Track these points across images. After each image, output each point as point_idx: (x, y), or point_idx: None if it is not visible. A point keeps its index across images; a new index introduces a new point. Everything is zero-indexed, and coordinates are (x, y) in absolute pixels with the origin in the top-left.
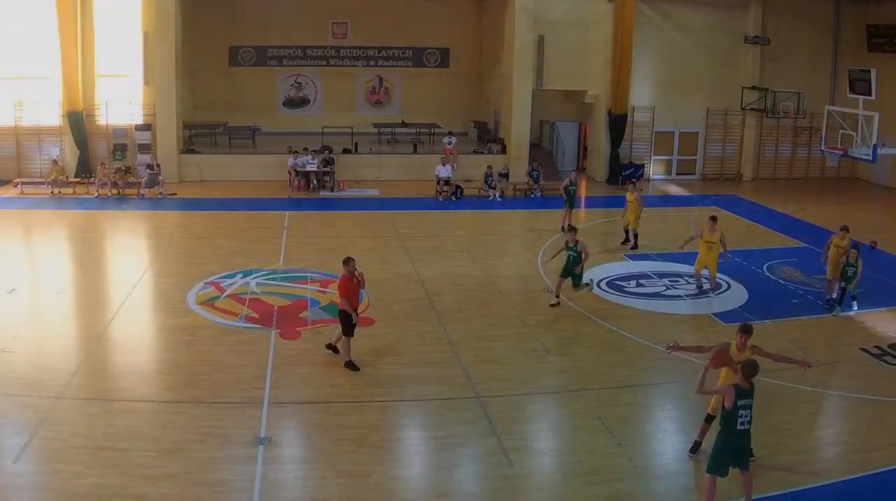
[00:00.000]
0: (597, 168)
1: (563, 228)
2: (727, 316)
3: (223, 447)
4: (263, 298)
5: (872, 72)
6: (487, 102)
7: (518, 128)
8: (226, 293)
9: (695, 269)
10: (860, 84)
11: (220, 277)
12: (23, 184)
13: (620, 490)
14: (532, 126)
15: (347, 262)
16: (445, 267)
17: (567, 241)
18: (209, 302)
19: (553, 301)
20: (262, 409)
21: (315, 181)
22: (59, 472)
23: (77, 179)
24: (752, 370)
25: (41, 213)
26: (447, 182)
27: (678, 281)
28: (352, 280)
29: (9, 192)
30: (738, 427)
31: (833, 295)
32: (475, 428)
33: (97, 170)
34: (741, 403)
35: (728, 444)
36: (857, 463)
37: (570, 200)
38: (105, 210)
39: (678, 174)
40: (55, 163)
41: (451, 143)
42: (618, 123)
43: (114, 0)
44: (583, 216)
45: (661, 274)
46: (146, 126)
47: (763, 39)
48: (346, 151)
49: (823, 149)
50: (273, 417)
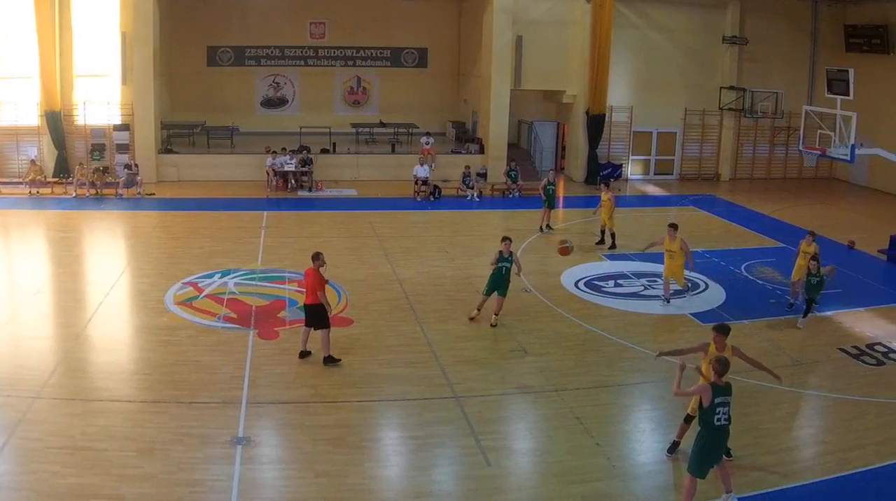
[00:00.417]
0: (575, 168)
1: (542, 228)
2: (705, 316)
3: (201, 447)
4: (241, 298)
5: (850, 72)
6: (465, 102)
7: (496, 128)
8: (204, 293)
9: (664, 278)
10: (838, 84)
11: (199, 277)
12: (0, 183)
13: (598, 490)
14: (510, 126)
15: (317, 257)
16: (423, 267)
17: (500, 252)
18: (187, 302)
19: (472, 314)
20: (241, 409)
21: (293, 181)
22: (37, 472)
23: (55, 179)
24: (722, 367)
25: (19, 213)
26: (425, 182)
27: (656, 282)
28: (319, 273)
29: None
30: (716, 423)
31: (793, 301)
32: (453, 428)
33: (75, 170)
34: (718, 400)
35: (707, 442)
36: (835, 463)
37: (549, 200)
38: (83, 210)
39: (656, 174)
40: (33, 162)
41: (429, 143)
42: (596, 123)
43: (92, 0)
44: (561, 216)
45: (639, 274)
46: (124, 126)
47: (741, 39)
48: (325, 151)
49: (801, 149)
50: (251, 417)
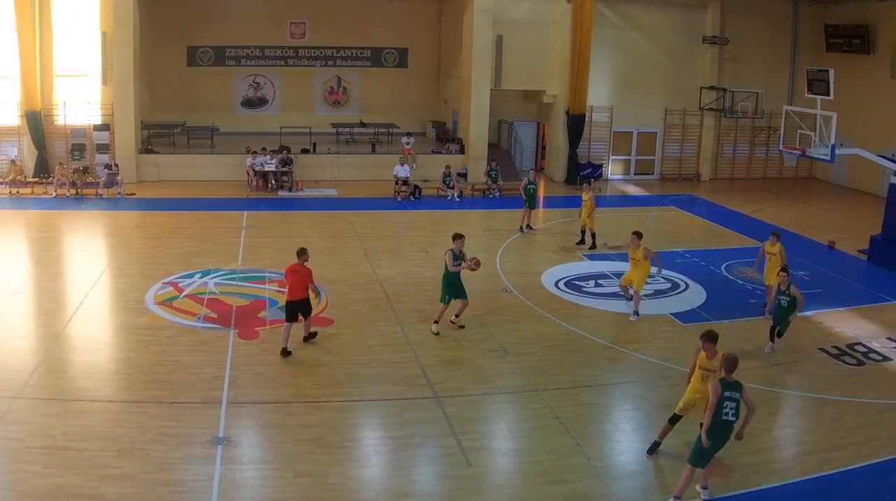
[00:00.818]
0: (555, 168)
1: (522, 228)
2: (685, 316)
3: (181, 447)
4: (222, 298)
5: (831, 72)
6: (446, 102)
7: (476, 128)
8: (184, 293)
9: (621, 285)
10: (818, 84)
11: (179, 277)
12: None
13: (579, 490)
14: (490, 126)
15: (303, 253)
16: (404, 268)
17: (452, 249)
18: (167, 302)
19: (434, 329)
20: (221, 409)
21: (273, 181)
22: (17, 472)
23: (35, 179)
24: (731, 364)
25: None
26: (405, 182)
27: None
28: (307, 268)
29: None
30: (723, 417)
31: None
32: (434, 428)
33: (55, 169)
34: (726, 395)
35: (712, 435)
36: (815, 464)
37: (530, 200)
38: (63, 210)
39: (636, 174)
40: (13, 162)
41: (410, 143)
42: (576, 123)
43: (72, 0)
44: (541, 216)
45: (620, 274)
46: (104, 126)
47: (721, 39)
48: (305, 151)
49: (782, 149)
50: (231, 417)
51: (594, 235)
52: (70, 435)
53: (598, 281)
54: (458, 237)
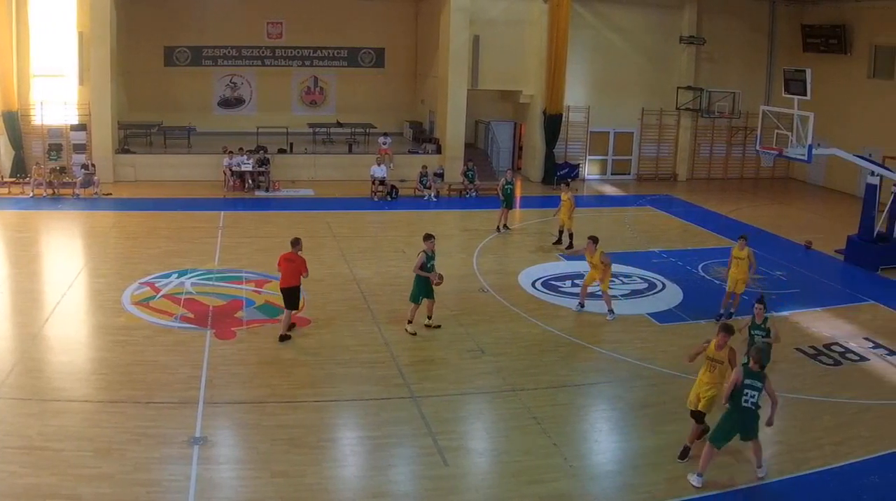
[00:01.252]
0: (532, 168)
1: (499, 228)
2: (662, 316)
3: (158, 447)
4: (198, 298)
5: (808, 72)
6: (423, 102)
7: (453, 128)
8: (161, 293)
9: (583, 284)
10: (795, 84)
11: (156, 277)
12: None
13: (556, 490)
14: (467, 126)
15: (297, 243)
16: (381, 268)
17: (425, 251)
18: (144, 302)
19: (410, 329)
20: (198, 409)
21: (250, 181)
22: None
23: (12, 179)
24: (759, 354)
25: None
26: (382, 182)
27: (612, 281)
28: (301, 256)
29: None
30: (743, 403)
31: (723, 311)
32: (410, 428)
33: (32, 169)
34: (747, 382)
35: (733, 420)
36: (792, 463)
37: (507, 200)
38: (40, 210)
39: (613, 174)
40: None
41: (387, 143)
42: (553, 123)
43: (49, 0)
44: (518, 216)
45: None
46: (81, 126)
47: (698, 39)
48: (282, 151)
49: (758, 149)
50: (208, 417)
51: (571, 235)
52: (47, 435)
53: (575, 281)
54: (429, 237)
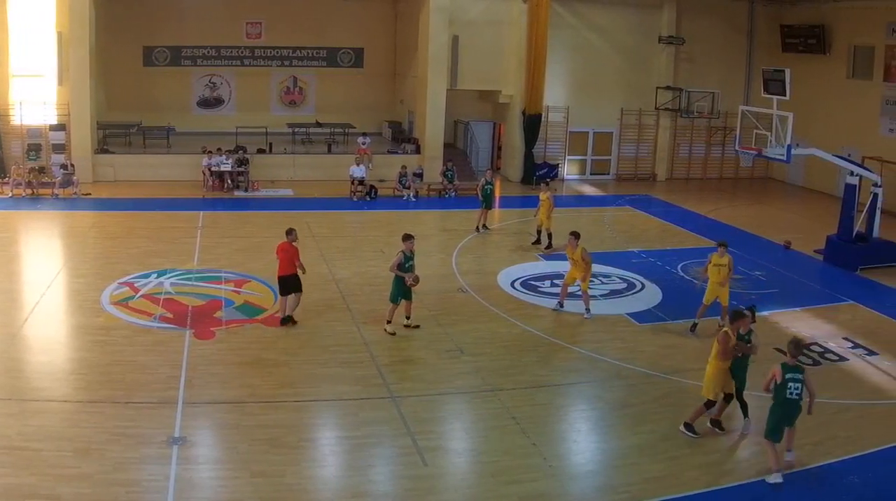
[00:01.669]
0: (511, 168)
1: (478, 228)
2: (641, 316)
3: (137, 447)
4: (178, 298)
5: (787, 72)
6: (402, 102)
7: (432, 128)
8: (140, 293)
9: (563, 283)
10: (774, 84)
11: (135, 277)
12: None
13: (535, 490)
14: (446, 126)
15: (290, 232)
16: (360, 268)
17: (403, 251)
18: (123, 302)
19: (389, 329)
20: (177, 409)
21: (229, 181)
22: None
23: None
24: (795, 348)
25: None
26: (361, 182)
27: (592, 281)
28: (294, 246)
29: None
30: (788, 396)
31: (698, 321)
32: (389, 428)
33: (11, 169)
34: (788, 376)
35: (780, 412)
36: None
37: (487, 200)
38: (19, 210)
39: (592, 174)
40: None
41: (366, 143)
42: (532, 123)
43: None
44: (497, 216)
45: None
46: (60, 126)
47: (677, 39)
48: (261, 151)
49: (738, 149)
50: (187, 417)
51: (550, 235)
52: (26, 435)
53: (555, 281)
54: (409, 238)
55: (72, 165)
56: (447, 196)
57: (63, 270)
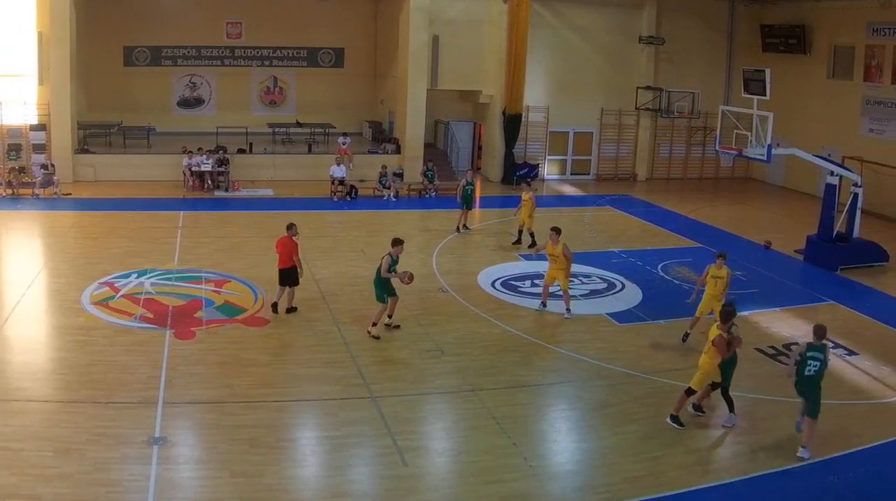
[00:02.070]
0: (491, 168)
1: (458, 228)
2: (621, 316)
3: (118, 447)
4: (158, 298)
5: (767, 72)
6: (382, 102)
7: (412, 128)
8: (120, 293)
9: (544, 283)
10: (755, 84)
11: (115, 277)
12: None
13: (516, 489)
14: (427, 126)
15: (291, 227)
16: (340, 268)
17: (391, 254)
18: (104, 302)
19: (374, 332)
20: (157, 409)
21: (210, 181)
22: None
23: None
24: (819, 331)
25: None
26: (342, 182)
27: (572, 281)
28: (293, 240)
29: None
30: (806, 372)
31: (690, 331)
32: (370, 428)
33: None
34: (810, 354)
35: (799, 387)
36: (752, 464)
37: (467, 201)
38: None
39: (573, 174)
40: None
41: (346, 143)
42: (512, 123)
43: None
44: (478, 216)
45: None
46: (41, 126)
47: (657, 39)
48: (241, 151)
49: (718, 149)
50: (168, 417)
51: (532, 235)
52: (6, 435)
53: (535, 281)
54: (399, 243)
55: (52, 165)
56: (427, 196)
57: (43, 270)
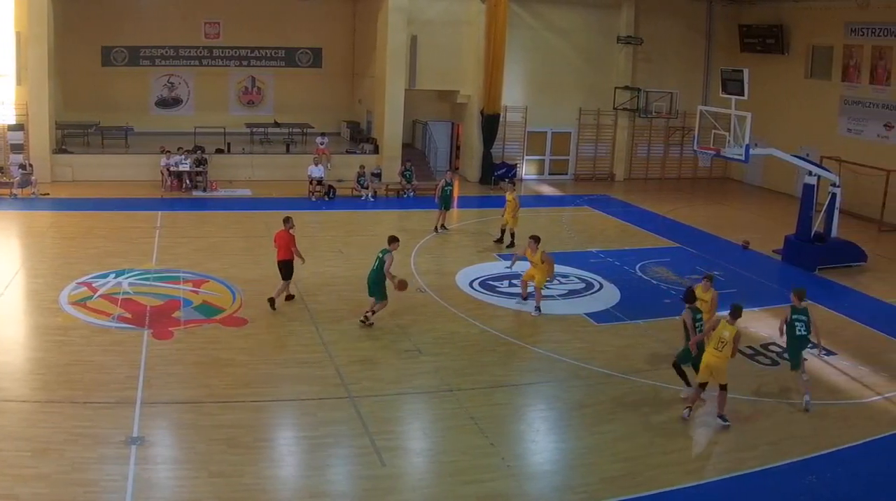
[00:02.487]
0: (469, 168)
1: (437, 229)
2: (599, 316)
3: (96, 447)
4: (136, 298)
5: (745, 72)
6: (360, 102)
7: (391, 128)
8: (98, 293)
9: (522, 279)
10: (733, 84)
11: (93, 277)
12: None
13: (493, 489)
14: (405, 126)
15: (287, 220)
16: (318, 268)
17: (391, 251)
18: (81, 302)
19: (368, 319)
20: (135, 409)
21: (188, 181)
22: None
23: None
24: (801, 293)
25: None
26: (320, 182)
27: (550, 282)
28: (290, 233)
29: None
30: (797, 333)
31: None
32: (348, 428)
33: None
34: (795, 316)
35: (793, 346)
36: (729, 463)
37: (445, 201)
38: None
39: (551, 174)
40: None
41: (324, 143)
42: (490, 123)
43: None
44: (456, 216)
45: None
46: (19, 126)
47: (636, 39)
48: (219, 151)
49: (696, 149)
50: (146, 417)
51: (513, 235)
52: None
53: (513, 281)
54: (397, 240)
55: (30, 165)
56: (405, 196)
57: (21, 270)
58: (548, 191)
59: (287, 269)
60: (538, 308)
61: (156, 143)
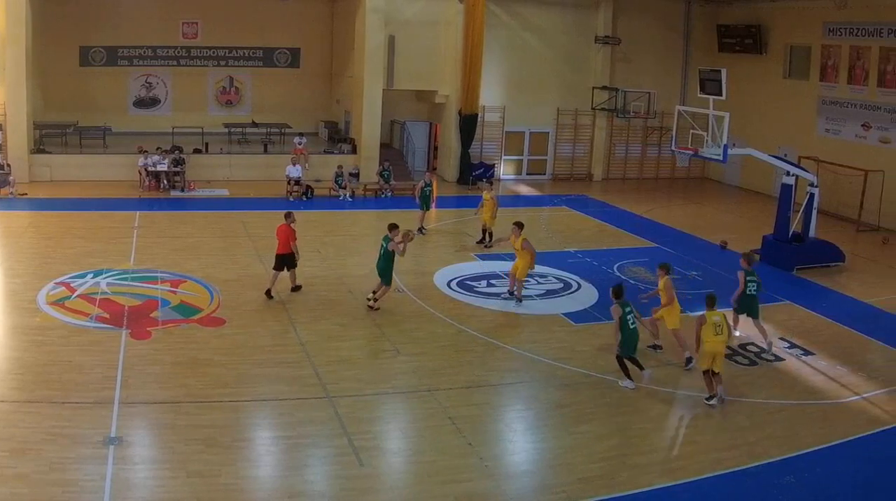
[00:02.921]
0: (447, 168)
1: (421, 229)
2: (577, 316)
3: (74, 447)
4: (114, 298)
5: (723, 72)
6: (338, 102)
7: (368, 128)
8: (76, 293)
9: (509, 273)
10: (711, 84)
11: (71, 277)
12: None
13: (471, 489)
14: (382, 126)
15: (289, 215)
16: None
17: (392, 238)
18: (59, 302)
19: (375, 305)
20: (113, 409)
21: (165, 181)
22: None
23: None
24: (751, 259)
25: None
26: (297, 182)
27: (528, 281)
28: (291, 228)
29: None
30: (748, 292)
31: (659, 342)
32: (326, 428)
33: None
34: (749, 278)
35: (746, 303)
36: (708, 463)
37: (425, 202)
38: None
39: (528, 174)
40: None
41: (302, 143)
42: (468, 123)
43: None
44: (434, 216)
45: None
46: None
47: (613, 39)
48: (197, 151)
49: (674, 149)
50: (124, 417)
51: (491, 234)
52: None
53: (491, 281)
54: (395, 226)
55: (8, 165)
56: (383, 196)
57: None
58: (525, 191)
59: (284, 262)
60: (520, 300)
61: (134, 143)
